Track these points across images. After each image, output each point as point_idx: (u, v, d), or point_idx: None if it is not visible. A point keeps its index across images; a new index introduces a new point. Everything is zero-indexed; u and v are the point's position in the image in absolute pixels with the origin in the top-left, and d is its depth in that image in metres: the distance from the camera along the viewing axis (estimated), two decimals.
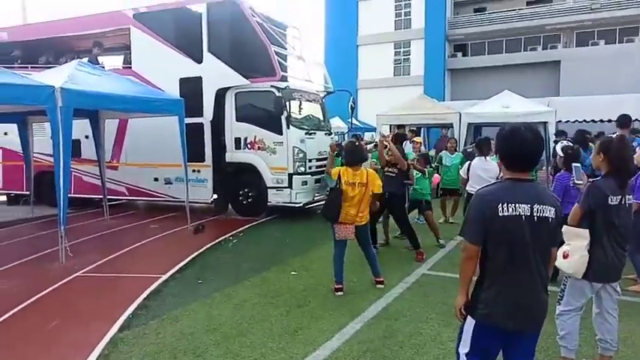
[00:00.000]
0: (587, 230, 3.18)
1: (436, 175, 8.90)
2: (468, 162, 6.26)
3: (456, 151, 9.46)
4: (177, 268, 6.04)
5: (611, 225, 3.18)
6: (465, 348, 2.39)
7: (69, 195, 10.36)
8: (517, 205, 2.22)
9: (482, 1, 29.02)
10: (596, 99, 16.27)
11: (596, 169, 4.07)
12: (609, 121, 12.84)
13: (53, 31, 10.99)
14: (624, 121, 7.24)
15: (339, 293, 5.08)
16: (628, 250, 3.52)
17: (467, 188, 6.46)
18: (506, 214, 2.22)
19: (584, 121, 13.76)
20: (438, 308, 4.67)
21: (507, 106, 13.34)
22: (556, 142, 9.93)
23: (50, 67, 9.12)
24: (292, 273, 5.93)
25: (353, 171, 5.05)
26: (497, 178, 5.79)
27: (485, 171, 5.98)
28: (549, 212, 2.26)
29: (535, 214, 2.23)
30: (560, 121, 14.12)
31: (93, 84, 6.93)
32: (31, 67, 10.28)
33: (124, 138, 10.31)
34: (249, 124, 9.32)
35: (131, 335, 4.13)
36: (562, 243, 3.07)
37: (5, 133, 11.13)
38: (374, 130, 17.03)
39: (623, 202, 3.20)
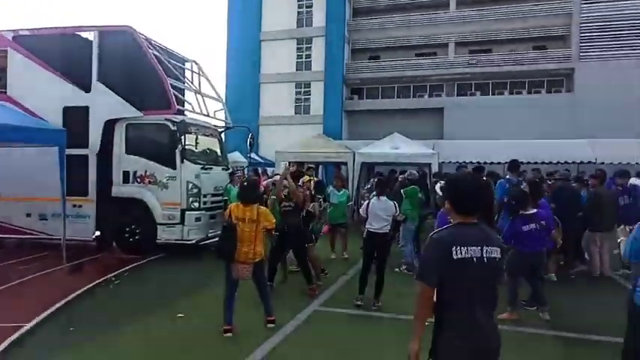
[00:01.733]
0: None
1: (325, 227, 9.04)
2: (367, 201, 6.44)
3: (343, 188, 9.71)
4: (46, 314, 5.43)
5: None
6: None
7: None
8: (469, 247, 2.32)
9: (377, 50, 31.14)
10: (474, 143, 18.11)
11: None
12: (484, 162, 14.31)
13: None
14: (513, 165, 8.11)
15: (228, 334, 4.90)
16: None
17: (366, 226, 6.51)
18: (460, 256, 2.30)
19: (464, 162, 15.15)
20: (328, 347, 4.71)
21: (397, 147, 14.32)
22: (436, 182, 10.82)
23: None
24: (179, 315, 5.62)
25: (244, 207, 5.00)
26: (393, 217, 6.16)
27: (383, 210, 6.20)
28: (496, 253, 2.39)
29: (485, 255, 2.34)
30: (443, 162, 15.44)
31: None
32: None
33: None
34: (140, 157, 8.90)
35: None
36: None
37: None
38: (274, 165, 17.19)
39: None
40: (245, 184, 5.28)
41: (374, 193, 8.47)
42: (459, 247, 2.31)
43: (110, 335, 4.92)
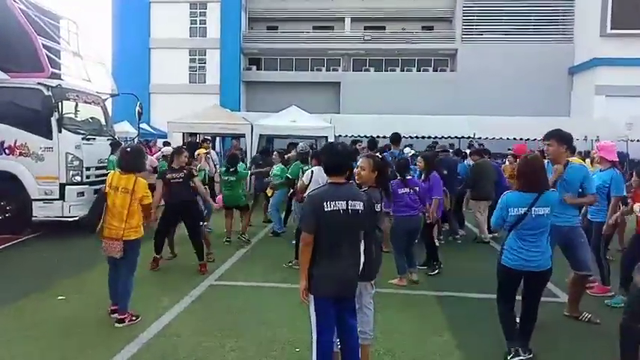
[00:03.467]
0: None
1: (219, 197, 8.50)
2: (311, 170, 6.28)
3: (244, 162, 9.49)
4: None
5: None
6: (313, 321, 3.04)
7: None
8: (337, 202, 2.95)
9: (275, 20, 30.66)
10: (369, 118, 18.83)
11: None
12: (377, 136, 14.96)
13: None
14: (395, 138, 8.65)
15: (115, 315, 4.59)
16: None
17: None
18: (329, 209, 2.93)
19: (359, 136, 15.70)
20: (222, 319, 4.69)
21: (294, 120, 14.39)
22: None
23: None
24: (59, 298, 5.19)
25: (119, 175, 4.55)
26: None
27: (322, 178, 6.20)
28: (359, 206, 3.03)
29: (349, 208, 2.97)
30: (340, 136, 15.88)
31: None
32: None
33: None
34: (9, 126, 7.92)
35: None
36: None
37: None
38: (166, 136, 16.34)
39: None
40: (127, 149, 4.80)
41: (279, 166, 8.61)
42: (328, 202, 2.95)
43: None
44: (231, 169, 7.87)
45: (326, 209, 2.92)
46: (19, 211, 8.04)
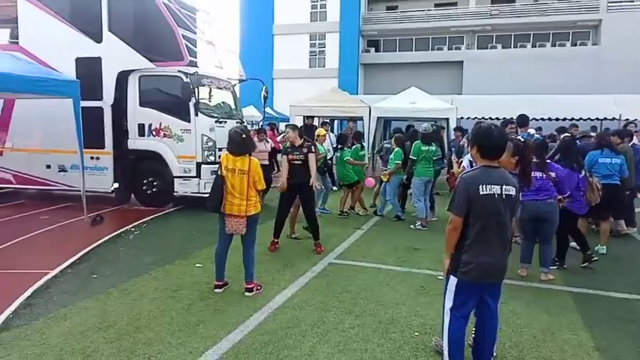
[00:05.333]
0: None
1: (370, 179, 9.23)
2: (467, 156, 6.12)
3: (351, 144, 9.32)
4: (69, 262, 5.60)
5: None
6: (449, 303, 3.07)
7: None
8: (492, 185, 2.90)
9: (395, 0, 30.05)
10: (495, 98, 17.62)
11: None
12: (504, 119, 13.93)
13: None
14: (522, 120, 7.80)
15: (218, 290, 4.84)
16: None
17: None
18: (484, 192, 2.90)
19: (483, 118, 14.81)
20: (342, 297, 4.78)
21: (414, 102, 14.00)
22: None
23: None
24: (197, 265, 5.75)
25: (233, 158, 4.69)
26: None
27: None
28: (512, 191, 2.97)
29: (503, 193, 2.92)
30: (462, 118, 15.12)
31: None
32: None
33: (10, 120, 9.30)
34: (154, 110, 8.85)
35: (9, 337, 3.75)
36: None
37: None
38: (288, 119, 17.03)
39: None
40: (235, 131, 4.79)
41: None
42: (484, 185, 2.91)
43: (130, 282, 5.06)
44: (339, 148, 8.77)
45: (481, 193, 2.89)
46: (163, 186, 9.00)
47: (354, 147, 8.97)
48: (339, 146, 8.83)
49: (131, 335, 3.83)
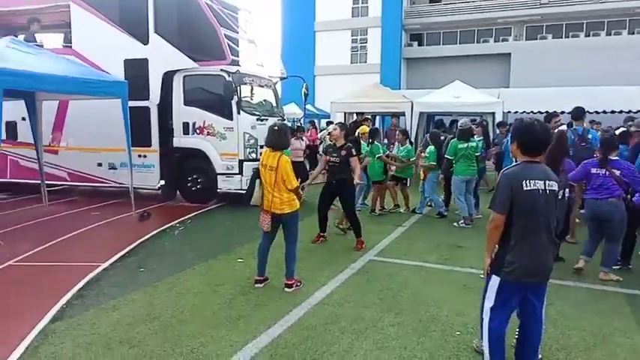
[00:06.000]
0: None
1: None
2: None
3: (408, 142, 9.25)
4: (118, 256, 5.84)
5: None
6: (489, 303, 2.97)
7: (4, 179, 9.96)
8: (536, 181, 2.81)
9: None
10: (545, 91, 16.86)
11: None
12: (554, 112, 13.30)
13: None
14: (577, 113, 7.38)
15: (258, 285, 4.92)
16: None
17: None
18: (528, 188, 2.79)
19: (532, 112, 14.24)
20: (382, 294, 4.74)
21: (458, 96, 13.66)
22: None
23: None
24: (239, 260, 5.85)
25: (269, 153, 4.75)
26: None
27: None
28: (555, 186, 2.88)
29: (547, 188, 2.82)
30: (509, 112, 14.58)
31: (27, 63, 6.50)
32: None
33: (65, 121, 9.79)
34: (198, 109, 9.06)
35: (63, 326, 3.95)
36: None
37: None
38: (329, 116, 17.04)
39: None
40: (273, 128, 4.78)
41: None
42: (528, 181, 2.80)
43: (175, 276, 5.21)
44: (369, 143, 8.44)
45: (525, 188, 2.79)
46: (207, 183, 9.21)
47: (372, 145, 8.50)
48: (370, 140, 8.52)
49: (175, 327, 3.94)
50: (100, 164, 9.70)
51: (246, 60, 10.08)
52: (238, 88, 8.83)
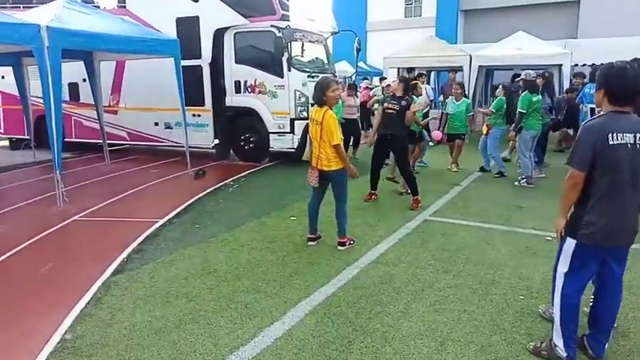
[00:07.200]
0: None
1: (437, 132, 8.69)
2: None
3: (464, 97, 8.88)
4: (175, 212, 5.98)
5: None
6: (564, 267, 2.73)
7: (69, 139, 10.44)
8: (624, 134, 2.48)
9: None
10: (617, 41, 15.40)
11: None
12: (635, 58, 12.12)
13: None
14: None
15: (311, 243, 4.86)
16: None
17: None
18: (615, 142, 2.46)
19: (601, 64, 13.08)
20: (438, 255, 4.58)
21: (520, 48, 12.75)
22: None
23: None
24: (292, 218, 5.84)
25: (317, 107, 4.64)
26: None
27: None
28: None
29: (637, 142, 2.49)
30: (577, 65, 13.49)
31: (83, 23, 6.60)
32: (24, 6, 9.85)
33: (122, 81, 10.03)
34: (249, 67, 8.96)
35: (124, 279, 4.09)
36: None
37: (2, 77, 10.89)
38: (382, 73, 16.48)
39: None
40: (316, 83, 4.76)
41: None
42: (615, 134, 2.47)
43: (229, 233, 5.28)
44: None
45: (611, 142, 2.46)
46: (260, 142, 9.21)
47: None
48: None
49: (229, 283, 3.99)
50: (156, 124, 9.92)
51: (296, 15, 9.76)
52: (289, 44, 8.61)
